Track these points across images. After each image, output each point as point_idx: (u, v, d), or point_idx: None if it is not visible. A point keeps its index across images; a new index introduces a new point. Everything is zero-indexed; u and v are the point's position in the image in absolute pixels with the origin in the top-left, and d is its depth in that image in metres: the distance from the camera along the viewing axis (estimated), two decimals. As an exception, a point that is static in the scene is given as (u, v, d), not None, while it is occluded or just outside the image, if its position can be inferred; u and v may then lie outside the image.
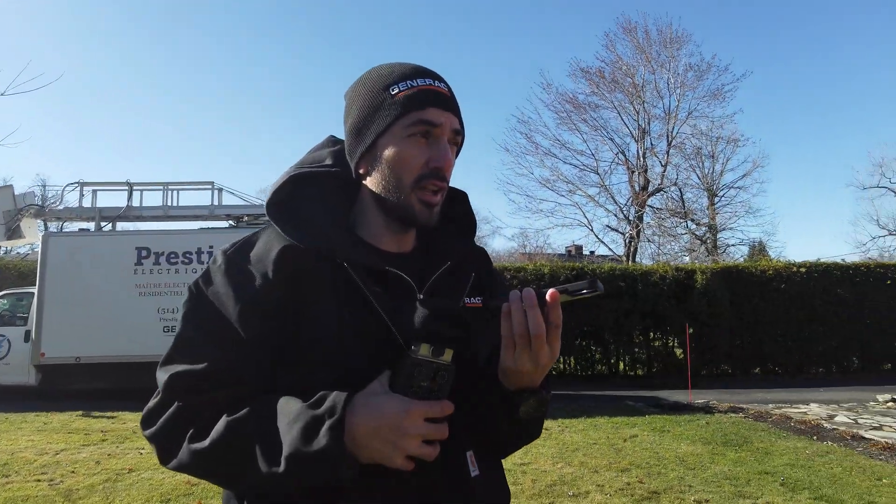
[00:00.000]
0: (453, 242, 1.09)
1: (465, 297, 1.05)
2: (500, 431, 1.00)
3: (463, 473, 0.96)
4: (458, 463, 0.95)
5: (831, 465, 5.63)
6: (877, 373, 13.81)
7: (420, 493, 0.90)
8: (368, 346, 0.92)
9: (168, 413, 0.89)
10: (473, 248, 1.15)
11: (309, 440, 0.80)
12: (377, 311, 0.93)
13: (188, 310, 0.96)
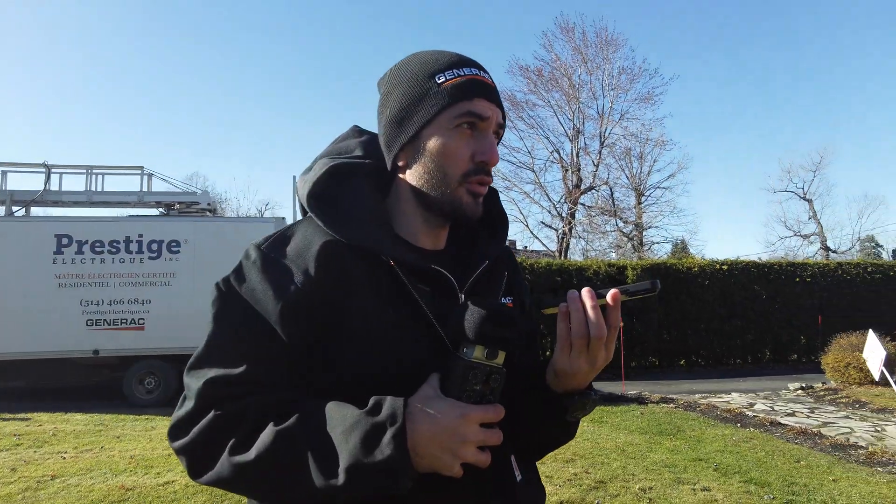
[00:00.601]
0: (487, 241, 1.06)
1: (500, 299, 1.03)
2: (543, 434, 0.99)
3: (508, 479, 0.94)
4: (503, 468, 0.93)
5: (756, 449, 6.04)
6: (786, 363, 14.93)
7: (470, 500, 0.88)
8: (414, 347, 0.88)
9: (203, 423, 0.80)
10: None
11: (370, 450, 0.75)
12: (423, 310, 0.89)
13: (219, 309, 0.88)
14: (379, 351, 0.86)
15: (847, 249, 38.54)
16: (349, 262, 0.88)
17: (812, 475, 5.11)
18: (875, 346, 9.68)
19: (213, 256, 9.45)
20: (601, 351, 0.85)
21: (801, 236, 37.23)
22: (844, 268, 15.92)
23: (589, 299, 0.84)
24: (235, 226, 9.95)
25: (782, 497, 4.47)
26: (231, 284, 0.89)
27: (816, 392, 10.15)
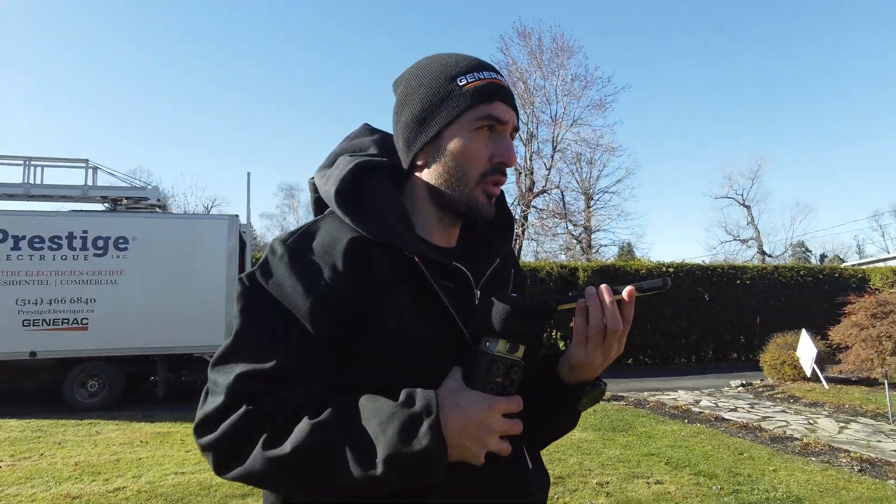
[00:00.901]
0: (496, 240, 1.09)
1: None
2: (552, 424, 1.03)
3: (522, 467, 0.98)
4: (517, 457, 0.96)
5: (703, 444, 6.32)
6: (727, 361, 15.65)
7: (489, 488, 0.91)
8: (437, 341, 0.91)
9: (233, 418, 0.80)
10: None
11: (408, 440, 0.78)
12: (445, 306, 0.92)
13: (245, 304, 0.88)
14: (405, 345, 0.88)
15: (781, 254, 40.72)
16: (376, 259, 0.90)
17: (754, 466, 5.39)
18: (807, 344, 10.29)
19: (164, 254, 9.14)
20: (615, 344, 0.90)
21: (740, 241, 39.07)
22: (780, 271, 16.81)
23: (607, 295, 0.88)
24: (188, 223, 9.62)
25: (729, 487, 4.70)
26: (256, 279, 0.89)
27: (755, 388, 10.69)
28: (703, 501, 4.35)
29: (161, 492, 4.60)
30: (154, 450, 6.11)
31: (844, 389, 10.02)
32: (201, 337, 9.11)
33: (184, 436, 6.74)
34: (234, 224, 9.44)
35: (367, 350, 0.88)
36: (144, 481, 4.89)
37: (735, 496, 4.49)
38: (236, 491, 4.55)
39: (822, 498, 4.48)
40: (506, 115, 0.96)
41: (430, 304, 0.92)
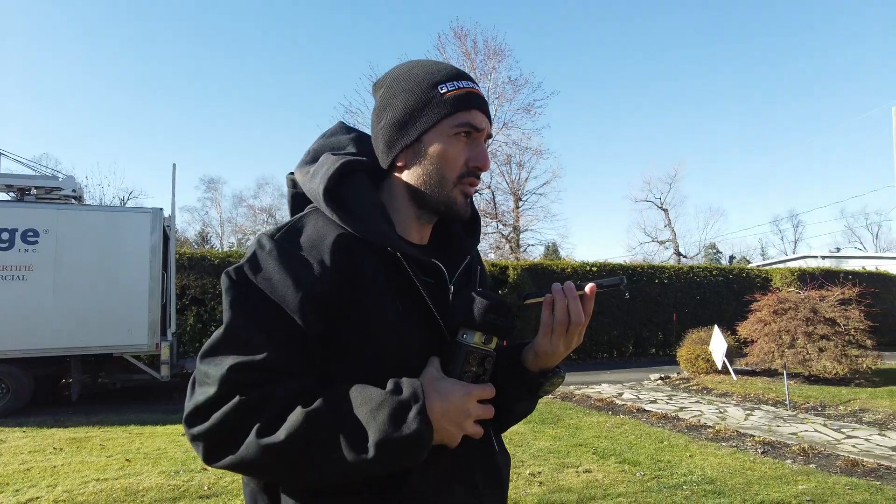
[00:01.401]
0: (464, 239, 1.16)
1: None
2: (515, 409, 1.10)
3: (490, 449, 1.06)
4: (485, 440, 1.04)
5: (627, 434, 6.68)
6: (646, 356, 16.53)
7: (462, 469, 0.98)
8: (417, 334, 0.97)
9: (226, 408, 0.82)
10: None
11: (398, 425, 0.83)
12: (425, 300, 0.98)
13: (234, 297, 0.89)
14: (389, 338, 0.93)
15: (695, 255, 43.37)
16: (361, 255, 0.94)
17: (673, 452, 5.77)
18: (718, 339, 11.06)
19: (80, 249, 8.56)
20: (576, 335, 0.99)
21: (657, 242, 41.29)
22: (695, 271, 17.92)
23: (570, 291, 0.97)
24: (107, 216, 9.03)
25: (651, 473, 5.01)
26: (245, 274, 0.90)
27: (673, 381, 11.37)
28: (629, 487, 4.61)
29: (81, 500, 4.35)
30: (70, 456, 5.75)
31: (750, 380, 10.85)
32: (121, 336, 8.63)
33: (103, 440, 6.38)
34: (157, 218, 8.99)
35: (354, 342, 0.92)
36: (61, 490, 4.61)
37: (657, 481, 4.79)
38: (166, 495, 4.38)
39: (731, 478, 4.86)
40: (482, 123, 1.03)
41: (411, 298, 0.97)
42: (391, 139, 1.03)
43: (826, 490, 4.58)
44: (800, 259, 32.60)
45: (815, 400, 8.87)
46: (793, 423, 7.39)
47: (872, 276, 21.03)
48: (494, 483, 1.04)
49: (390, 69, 1.09)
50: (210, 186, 48.87)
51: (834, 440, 6.49)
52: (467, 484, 0.98)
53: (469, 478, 0.99)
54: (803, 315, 10.76)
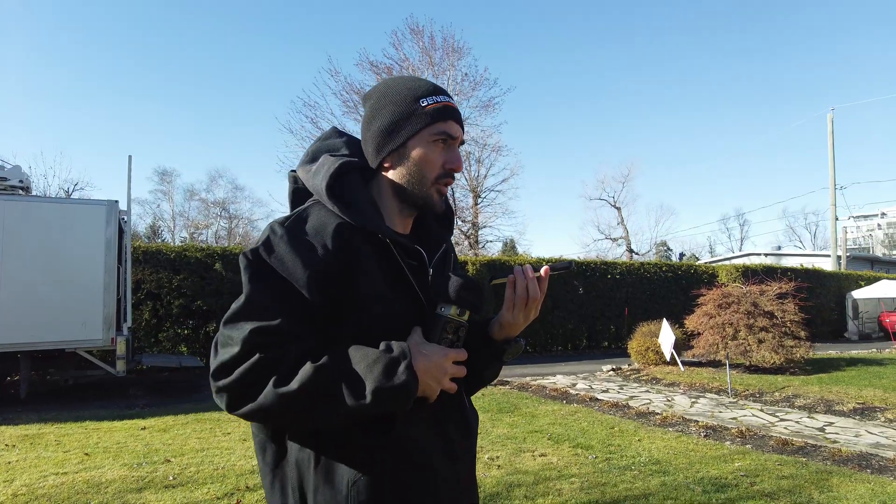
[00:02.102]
0: (439, 230, 1.35)
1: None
2: (482, 373, 1.30)
3: (461, 405, 1.25)
4: (458, 397, 1.23)
5: (580, 421, 7.00)
6: (599, 349, 17.11)
7: (438, 418, 1.17)
8: (403, 307, 1.15)
9: (248, 363, 0.98)
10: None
11: (390, 377, 1.01)
12: (409, 279, 1.16)
13: (252, 274, 1.06)
14: (380, 309, 1.11)
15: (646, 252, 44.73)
16: (356, 241, 1.11)
17: (623, 437, 6.11)
18: (667, 332, 11.59)
19: (30, 242, 8.30)
20: (533, 309, 1.20)
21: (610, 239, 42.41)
22: (646, 267, 18.62)
23: (530, 272, 1.19)
24: (59, 208, 8.78)
25: (603, 456, 5.32)
26: (260, 255, 1.07)
27: (624, 372, 11.86)
28: (582, 469, 4.90)
29: (42, 493, 4.32)
30: (24, 452, 5.65)
31: (696, 371, 11.43)
32: (75, 331, 8.43)
33: (59, 436, 6.28)
34: (113, 210, 8.80)
35: (351, 311, 1.09)
36: (20, 484, 4.56)
37: (608, 463, 5.09)
38: (130, 486, 4.40)
39: (676, 459, 5.22)
40: (456, 132, 1.22)
41: (398, 277, 1.15)
42: (380, 144, 1.21)
43: (759, 466, 4.98)
44: (744, 256, 34.15)
45: (754, 388, 9.46)
46: (733, 409, 7.88)
47: (808, 272, 22.31)
48: (464, 432, 1.23)
49: (379, 83, 1.27)
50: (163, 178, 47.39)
51: (769, 423, 6.98)
52: (441, 430, 1.17)
53: (443, 426, 1.18)
54: (745, 308, 11.40)
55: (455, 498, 1.16)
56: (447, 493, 1.14)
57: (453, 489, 1.16)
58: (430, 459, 1.12)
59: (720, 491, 4.30)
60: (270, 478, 1.11)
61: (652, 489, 4.33)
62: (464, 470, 1.21)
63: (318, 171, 1.19)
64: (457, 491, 1.17)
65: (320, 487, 1.04)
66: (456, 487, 1.17)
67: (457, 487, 1.17)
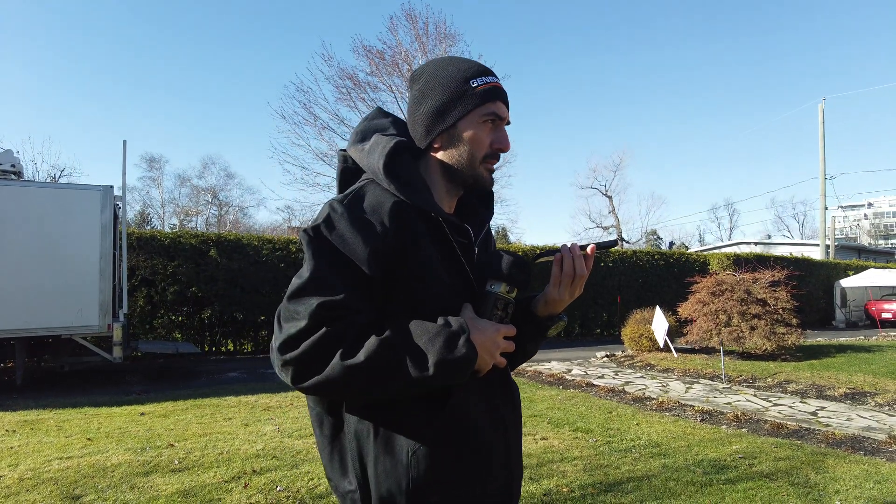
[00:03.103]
0: (479, 208, 1.37)
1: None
2: (527, 347, 1.32)
3: (508, 379, 1.29)
4: (505, 371, 1.27)
5: (578, 405, 7.09)
6: (592, 336, 17.26)
7: (488, 393, 1.20)
8: (455, 282, 1.17)
9: (315, 337, 0.99)
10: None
11: (452, 350, 1.03)
12: (459, 256, 1.19)
13: (315, 250, 1.07)
14: (433, 285, 1.13)
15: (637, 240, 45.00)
16: (411, 218, 1.13)
17: (622, 421, 6.20)
18: (660, 319, 11.70)
19: (23, 227, 8.20)
20: (578, 286, 1.23)
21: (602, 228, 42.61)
22: (638, 255, 18.74)
23: (575, 250, 1.21)
24: (53, 193, 8.66)
25: (603, 439, 5.40)
26: (321, 232, 1.08)
27: (618, 359, 11.99)
28: (583, 452, 4.97)
29: (48, 477, 4.33)
30: (26, 438, 5.63)
31: (690, 357, 11.58)
32: (71, 317, 8.37)
33: (59, 422, 6.26)
34: (108, 196, 8.70)
35: (407, 288, 1.11)
36: (25, 468, 4.56)
37: (608, 445, 5.17)
38: (136, 470, 4.41)
39: (674, 442, 5.31)
40: (504, 113, 1.24)
41: (449, 254, 1.18)
42: (430, 125, 1.22)
43: (756, 448, 5.08)
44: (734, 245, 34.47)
45: (747, 374, 9.60)
46: (727, 395, 8.01)
47: (798, 261, 22.57)
48: (510, 403, 1.27)
49: (425, 63, 1.28)
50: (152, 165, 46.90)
51: (762, 408, 7.11)
52: (490, 402, 1.20)
53: (491, 398, 1.21)
54: (738, 296, 11.53)
55: (505, 467, 1.20)
56: (498, 462, 1.18)
57: (503, 459, 1.19)
58: (482, 430, 1.15)
59: (720, 472, 4.39)
60: (329, 449, 1.14)
61: (654, 471, 4.41)
62: (513, 440, 1.24)
63: (372, 150, 1.20)
64: (506, 460, 1.20)
65: (380, 457, 1.07)
66: (506, 457, 1.20)
67: (507, 457, 1.20)
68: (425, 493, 1.06)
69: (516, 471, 1.25)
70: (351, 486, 1.11)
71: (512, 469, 1.22)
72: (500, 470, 1.18)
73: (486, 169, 1.24)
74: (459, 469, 1.11)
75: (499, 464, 1.18)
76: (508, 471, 1.21)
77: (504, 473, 1.19)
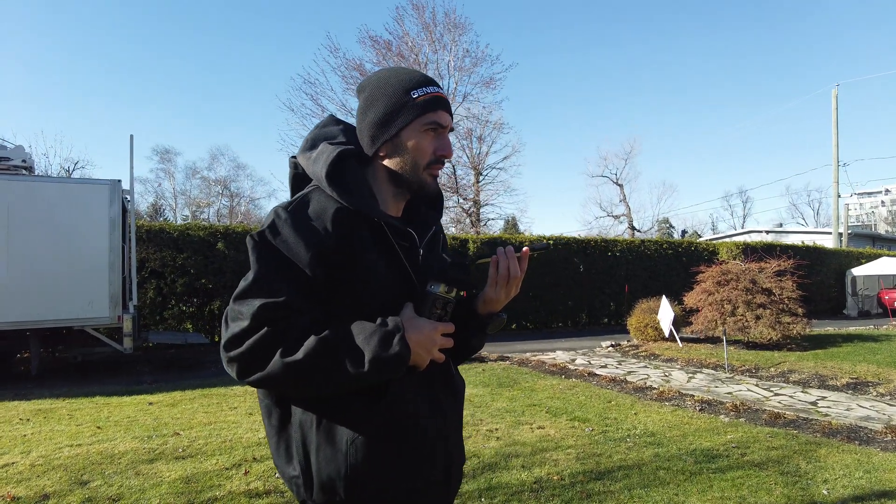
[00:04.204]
0: (429, 213, 1.44)
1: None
2: (469, 344, 1.40)
3: (449, 372, 1.38)
4: (446, 366, 1.35)
5: (578, 395, 7.17)
6: (599, 325, 17.29)
7: (427, 385, 1.29)
8: (397, 285, 1.25)
9: (256, 336, 1.08)
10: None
11: (386, 348, 1.11)
12: (402, 260, 1.26)
13: (259, 254, 1.15)
14: (375, 287, 1.21)
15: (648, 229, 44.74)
16: (355, 224, 1.21)
17: (620, 411, 6.27)
18: (666, 309, 11.72)
19: (35, 221, 8.40)
20: (515, 286, 1.31)
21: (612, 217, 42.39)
22: (646, 244, 18.70)
23: (510, 252, 1.30)
24: (62, 188, 8.85)
25: (599, 428, 5.47)
26: (266, 237, 1.16)
27: (623, 348, 12.03)
28: (578, 440, 5.05)
29: (58, 464, 4.49)
30: (39, 426, 5.83)
31: (694, 347, 11.60)
32: (82, 309, 8.58)
33: (70, 411, 6.46)
34: (116, 189, 8.87)
35: (349, 290, 1.19)
36: (36, 455, 4.73)
37: (604, 435, 5.25)
38: (142, 457, 4.57)
39: (670, 431, 5.37)
40: (446, 121, 1.31)
41: (391, 257, 1.25)
42: (374, 134, 1.30)
43: (750, 438, 5.13)
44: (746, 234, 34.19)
45: (751, 363, 9.62)
46: (729, 384, 8.04)
47: (809, 249, 22.38)
48: (451, 396, 1.36)
49: (371, 75, 1.36)
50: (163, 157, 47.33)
51: (763, 398, 7.14)
52: (430, 393, 1.29)
53: (431, 390, 1.30)
54: (744, 285, 11.51)
55: (442, 451, 1.29)
56: (435, 448, 1.27)
57: (442, 446, 1.29)
58: (418, 419, 1.24)
59: (711, 461, 4.45)
60: (276, 439, 1.22)
61: (645, 459, 4.49)
62: (452, 428, 1.33)
63: (317, 159, 1.27)
64: (444, 446, 1.29)
65: (322, 446, 1.16)
66: (444, 443, 1.29)
67: (444, 443, 1.30)
68: (363, 479, 1.15)
69: (456, 457, 1.34)
70: (295, 472, 1.19)
71: (451, 455, 1.32)
72: (438, 456, 1.27)
73: (429, 175, 1.31)
74: (397, 457, 1.19)
75: (438, 451, 1.27)
76: (447, 456, 1.30)
77: (443, 460, 1.28)
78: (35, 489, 3.97)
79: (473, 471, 4.24)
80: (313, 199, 1.23)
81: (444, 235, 1.52)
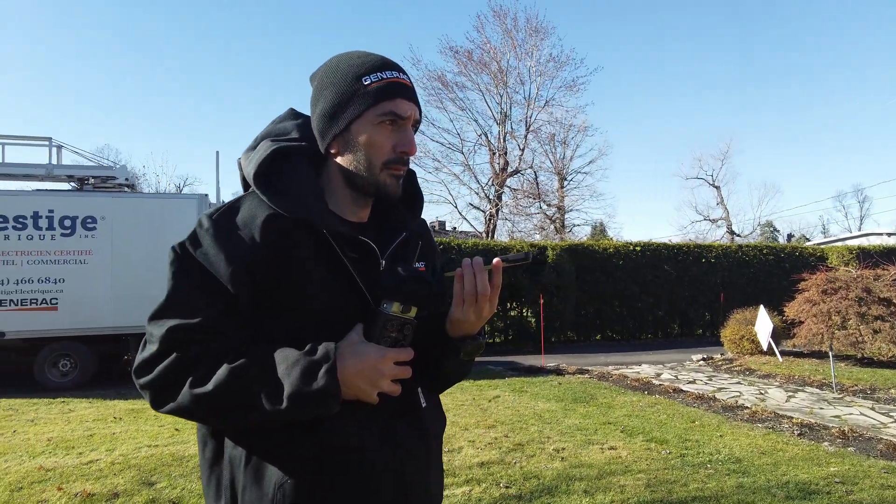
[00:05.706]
0: (404, 216, 1.24)
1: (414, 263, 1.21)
2: (443, 371, 1.19)
3: (415, 404, 1.17)
4: (411, 396, 1.15)
5: (659, 413, 6.66)
6: (692, 337, 16.21)
7: (382, 417, 1.09)
8: (342, 303, 1.08)
9: (166, 363, 0.96)
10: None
11: (309, 381, 0.95)
12: (350, 273, 1.08)
13: (176, 269, 1.03)
14: (314, 305, 1.05)
15: (749, 233, 41.80)
16: (289, 232, 1.05)
17: (703, 432, 5.73)
18: (764, 319, 10.74)
19: (134, 234, 9.11)
20: (486, 305, 1.07)
21: (709, 220, 39.97)
22: (744, 250, 17.36)
23: (478, 265, 1.06)
24: (158, 202, 9.58)
25: (677, 451, 5.02)
26: (186, 248, 1.04)
27: (715, 362, 11.16)
28: (652, 464, 4.65)
29: (134, 463, 4.73)
30: (127, 425, 6.22)
31: (796, 362, 10.53)
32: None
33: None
34: (203, 203, 9.45)
35: (282, 308, 1.04)
36: (118, 454, 5.02)
37: (681, 459, 4.80)
38: (208, 461, 4.71)
39: (759, 458, 4.82)
40: (406, 111, 1.11)
41: (337, 271, 1.08)
42: (323, 129, 1.13)
43: (859, 472, 4.48)
44: (863, 237, 30.94)
45: (865, 383, 8.56)
46: (837, 406, 7.18)
47: (941, 253, 19.81)
48: (418, 433, 1.15)
49: (325, 62, 1.17)
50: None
51: (880, 424, 6.27)
52: (385, 429, 1.09)
53: (388, 425, 1.10)
54: (855, 295, 10.30)
55: (391, 484, 1.09)
56: (381, 481, 1.07)
57: (389, 476, 1.09)
58: (364, 452, 1.06)
59: (807, 498, 3.92)
60: (208, 473, 1.09)
61: (726, 491, 4.03)
62: (409, 457, 1.12)
63: (252, 159, 1.13)
64: (394, 478, 1.09)
65: (248, 487, 1.02)
66: (393, 475, 1.09)
67: (395, 475, 1.09)
68: None
69: (417, 489, 1.13)
70: None
71: (408, 486, 1.11)
72: (386, 490, 1.08)
73: (389, 175, 1.12)
74: (330, 491, 1.03)
75: (385, 484, 1.08)
76: (401, 489, 1.10)
77: (391, 493, 1.09)
78: (108, 487, 4.18)
79: (531, 494, 3.98)
80: (244, 206, 1.08)
81: (429, 241, 1.32)
